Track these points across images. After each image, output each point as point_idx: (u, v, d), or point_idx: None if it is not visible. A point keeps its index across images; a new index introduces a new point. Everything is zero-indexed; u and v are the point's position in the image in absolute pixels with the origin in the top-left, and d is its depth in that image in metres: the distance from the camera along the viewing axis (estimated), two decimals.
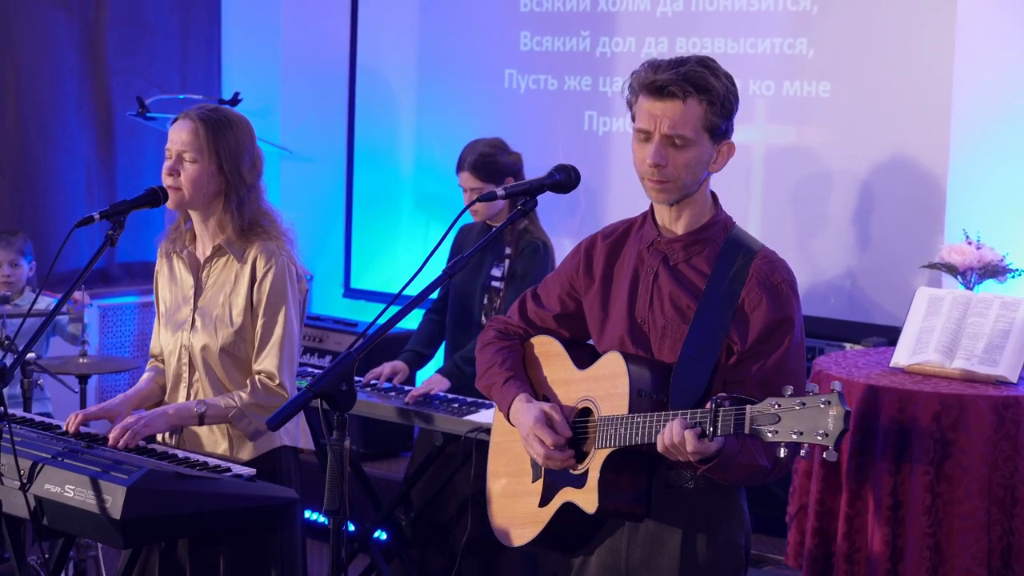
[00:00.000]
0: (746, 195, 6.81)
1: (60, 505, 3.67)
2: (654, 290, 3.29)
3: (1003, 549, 4.73)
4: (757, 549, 5.77)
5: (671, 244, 3.29)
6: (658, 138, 3.19)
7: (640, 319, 3.30)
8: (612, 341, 3.33)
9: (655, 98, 3.19)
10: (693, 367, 3.19)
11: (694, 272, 3.27)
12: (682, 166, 3.20)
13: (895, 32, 6.43)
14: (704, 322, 3.21)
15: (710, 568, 3.28)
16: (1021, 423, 4.71)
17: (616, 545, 3.32)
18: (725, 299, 3.21)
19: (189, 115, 4.00)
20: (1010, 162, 5.81)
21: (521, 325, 3.56)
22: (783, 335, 3.21)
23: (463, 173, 5.52)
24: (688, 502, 3.25)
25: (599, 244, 3.44)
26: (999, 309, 5.03)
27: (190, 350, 4.04)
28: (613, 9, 7.25)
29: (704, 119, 3.19)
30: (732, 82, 3.26)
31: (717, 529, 3.29)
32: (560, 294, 3.49)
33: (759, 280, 3.22)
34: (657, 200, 3.26)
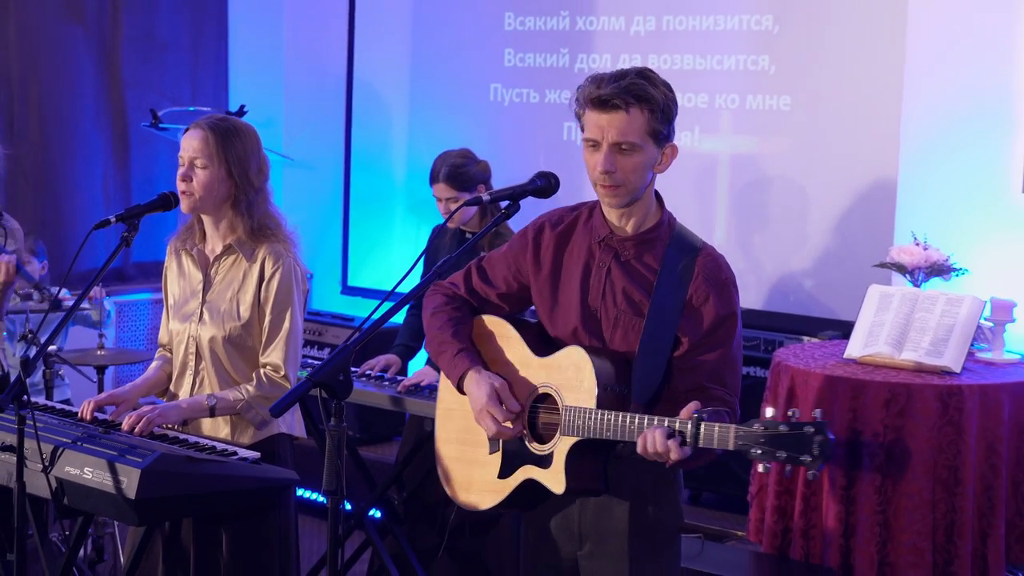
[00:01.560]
0: (713, 200, 6.83)
1: (79, 486, 3.67)
2: (606, 283, 3.29)
3: (947, 525, 4.75)
4: (720, 525, 5.79)
5: (623, 243, 3.30)
6: (606, 147, 3.19)
7: (593, 309, 3.30)
8: (565, 327, 3.34)
9: (600, 111, 3.19)
10: (651, 360, 3.20)
11: (644, 268, 3.27)
12: (630, 171, 3.20)
13: (850, 50, 6.45)
14: (657, 317, 3.22)
15: (654, 528, 3.31)
16: (964, 410, 4.73)
17: (569, 511, 3.34)
18: (675, 294, 3.23)
19: (200, 124, 4.00)
20: (955, 170, 5.83)
21: (465, 296, 3.53)
22: (730, 328, 3.24)
23: (438, 184, 5.51)
24: (634, 472, 3.26)
25: (547, 233, 3.41)
26: (944, 305, 5.05)
27: (198, 340, 4.03)
28: (590, 28, 7.26)
29: (647, 126, 3.19)
30: (670, 89, 3.26)
31: (660, 494, 3.31)
32: (506, 275, 3.47)
33: (706, 277, 3.23)
34: (610, 205, 3.25)
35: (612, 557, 3.29)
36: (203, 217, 4.06)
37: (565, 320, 3.35)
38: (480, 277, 3.52)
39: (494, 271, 3.50)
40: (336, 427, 3.05)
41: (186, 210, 4.01)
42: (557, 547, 3.38)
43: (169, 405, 3.98)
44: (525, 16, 7.51)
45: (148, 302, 7.74)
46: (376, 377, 5.54)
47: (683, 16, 6.93)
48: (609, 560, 3.29)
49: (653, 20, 7.03)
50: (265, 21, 8.46)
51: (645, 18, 7.06)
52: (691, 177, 6.79)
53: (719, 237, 6.67)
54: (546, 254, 3.41)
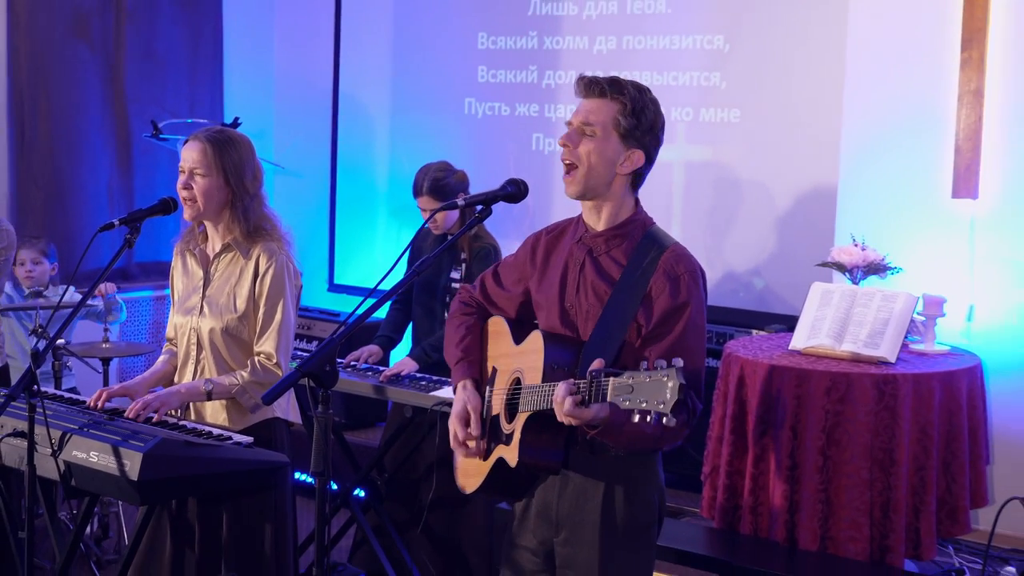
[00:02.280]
0: (668, 205, 6.84)
1: (86, 469, 3.67)
2: (580, 279, 3.28)
3: (883, 503, 4.78)
4: (676, 503, 5.80)
5: (595, 239, 3.29)
6: (574, 125, 3.22)
7: (568, 305, 3.29)
8: (549, 323, 3.33)
9: (583, 96, 3.24)
10: (601, 344, 3.16)
11: (612, 263, 3.26)
12: (584, 153, 3.19)
13: (794, 67, 6.47)
14: (615, 305, 3.20)
15: (627, 522, 3.25)
16: (898, 397, 4.75)
17: (548, 498, 3.31)
18: (636, 287, 3.20)
19: (198, 137, 4.00)
20: (891, 176, 5.85)
21: (480, 299, 3.55)
22: (680, 317, 3.17)
23: (422, 197, 5.51)
24: (610, 465, 3.24)
25: (542, 238, 3.44)
26: (880, 301, 5.08)
27: (198, 332, 4.03)
28: (557, 47, 7.26)
29: (614, 118, 3.20)
30: (653, 103, 3.27)
31: (635, 489, 3.26)
32: (513, 279, 3.49)
33: (664, 271, 3.20)
34: (567, 191, 3.25)
35: (585, 545, 3.26)
36: (205, 222, 4.06)
37: (549, 315, 3.35)
38: (495, 281, 3.55)
39: (506, 276, 3.52)
40: (323, 414, 3.05)
41: (189, 218, 4.02)
42: (536, 533, 3.37)
43: (169, 391, 3.98)
44: (497, 36, 7.51)
45: (150, 299, 7.72)
46: (360, 368, 5.54)
47: (642, 36, 6.94)
48: (582, 548, 3.26)
49: (614, 40, 7.04)
50: (257, 40, 8.44)
51: (607, 38, 7.07)
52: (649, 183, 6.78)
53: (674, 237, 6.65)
54: (539, 257, 3.43)
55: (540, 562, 3.37)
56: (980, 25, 5.56)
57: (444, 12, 7.73)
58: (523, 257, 3.47)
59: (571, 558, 3.29)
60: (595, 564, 3.24)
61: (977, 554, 5.31)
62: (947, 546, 5.31)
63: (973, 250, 5.64)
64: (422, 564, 5.51)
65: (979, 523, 5.23)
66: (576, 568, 3.28)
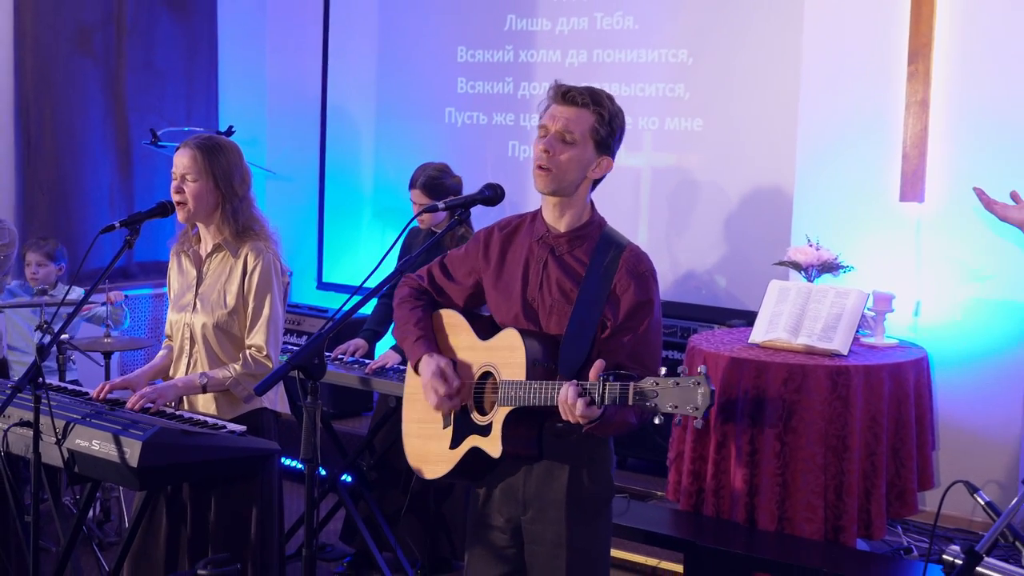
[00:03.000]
0: (636, 208, 6.84)
1: (88, 456, 3.65)
2: (543, 276, 3.29)
3: (836, 486, 4.78)
4: (643, 486, 5.81)
5: (557, 239, 3.30)
6: (553, 131, 3.22)
7: (531, 298, 3.30)
8: (508, 315, 3.33)
9: (560, 103, 3.23)
10: (576, 341, 3.19)
11: (576, 262, 3.27)
12: (564, 160, 3.20)
13: (753, 79, 6.48)
14: (584, 303, 3.22)
15: (591, 497, 3.30)
16: (851, 387, 4.76)
17: (515, 481, 3.32)
18: (601, 284, 3.22)
19: (188, 144, 3.99)
20: (843, 181, 5.86)
21: (429, 288, 3.52)
22: (646, 314, 3.22)
23: (415, 190, 5.49)
24: (572, 448, 3.26)
25: (495, 234, 3.42)
26: (833, 297, 5.08)
27: (191, 327, 4.02)
28: (531, 60, 7.26)
29: (592, 128, 3.21)
30: (621, 112, 3.30)
31: (596, 467, 3.30)
32: (463, 272, 3.47)
33: (628, 269, 3.23)
34: (537, 185, 3.25)
35: (552, 521, 3.28)
36: (198, 223, 4.04)
37: (508, 308, 3.35)
38: (442, 272, 3.51)
39: (455, 268, 3.49)
40: (312, 404, 3.05)
41: (182, 220, 4.01)
42: (502, 512, 3.37)
43: (167, 384, 3.97)
44: (475, 50, 7.50)
45: (149, 296, 7.69)
46: (347, 361, 5.53)
47: (611, 50, 6.94)
48: (549, 524, 3.28)
49: (585, 53, 7.04)
50: (250, 53, 8.42)
51: (578, 52, 7.07)
52: (618, 188, 6.80)
53: (642, 238, 6.68)
54: (493, 252, 3.41)
55: (508, 539, 3.38)
56: (926, 40, 5.57)
57: (425, 27, 7.72)
58: (474, 252, 3.45)
59: (539, 534, 3.31)
60: (562, 538, 3.27)
61: (924, 533, 5.33)
62: (896, 526, 5.32)
63: (920, 250, 5.66)
64: (406, 545, 5.50)
65: (926, 505, 5.25)
66: (544, 543, 3.30)
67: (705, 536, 4.79)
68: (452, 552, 5.55)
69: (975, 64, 5.53)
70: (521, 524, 3.35)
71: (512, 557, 3.38)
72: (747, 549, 4.68)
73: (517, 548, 3.37)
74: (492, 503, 3.39)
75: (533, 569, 3.34)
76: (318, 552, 5.55)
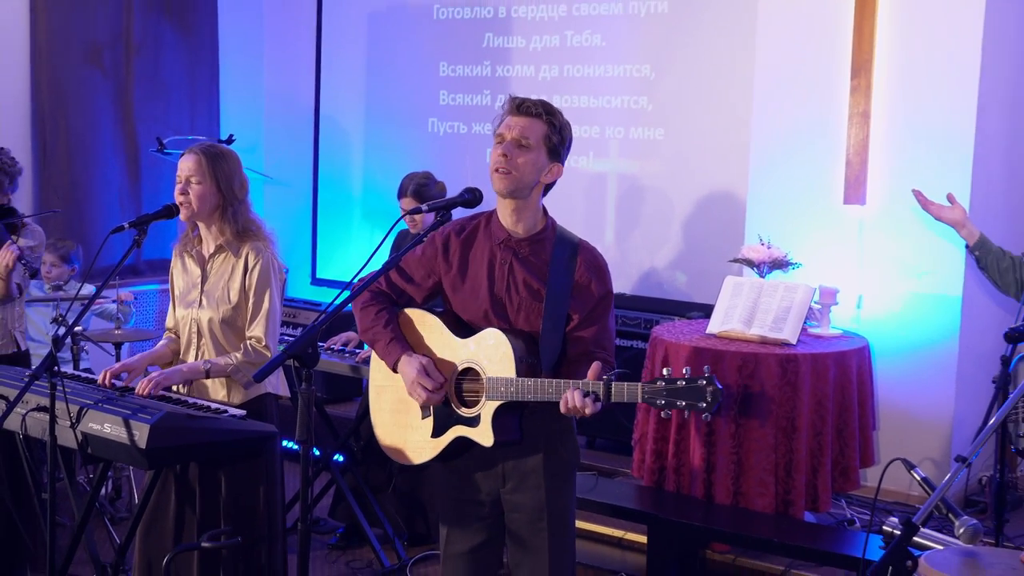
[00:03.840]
0: (604, 211, 6.84)
1: (100, 438, 3.64)
2: (510, 277, 3.30)
3: (786, 463, 4.81)
4: (610, 464, 5.82)
5: (519, 243, 3.31)
6: (510, 139, 3.26)
7: (499, 297, 3.30)
8: (476, 312, 3.33)
9: (516, 114, 3.28)
10: (551, 336, 3.23)
11: (538, 261, 3.29)
12: (521, 163, 3.23)
13: (709, 92, 6.49)
14: (553, 300, 3.24)
15: (563, 464, 3.36)
16: (799, 373, 4.78)
17: (493, 458, 3.34)
18: (565, 280, 3.25)
19: (193, 150, 3.98)
20: (792, 186, 5.88)
21: (387, 291, 3.46)
22: (607, 304, 3.30)
23: (405, 198, 5.49)
24: (542, 425, 3.30)
25: (453, 239, 3.39)
26: (783, 291, 5.11)
27: (198, 322, 4.00)
28: (507, 75, 7.26)
29: (545, 136, 3.25)
30: (569, 124, 3.34)
31: (564, 437, 3.36)
32: (422, 273, 3.43)
33: (587, 265, 3.27)
34: (496, 187, 3.27)
35: (531, 489, 3.32)
36: (199, 224, 4.03)
37: (475, 307, 3.34)
38: (399, 275, 3.46)
39: (411, 270, 3.45)
40: (306, 389, 3.04)
41: (184, 218, 3.98)
42: (482, 487, 3.38)
43: (173, 369, 3.96)
44: (456, 65, 7.50)
45: (156, 291, 7.66)
46: (338, 350, 5.52)
47: (580, 65, 6.95)
48: (529, 492, 3.32)
49: (557, 68, 7.04)
50: (248, 67, 8.38)
51: (550, 67, 7.07)
52: (587, 191, 6.81)
53: (609, 238, 6.71)
54: (454, 256, 3.39)
55: (487, 511, 3.39)
56: (867, 57, 5.60)
57: (410, 44, 7.71)
58: (432, 255, 3.41)
59: (520, 503, 3.34)
60: (542, 503, 3.32)
61: (866, 506, 5.35)
62: (840, 500, 5.35)
63: (862, 248, 5.68)
64: (392, 517, 5.51)
65: (867, 480, 5.27)
66: (525, 510, 3.33)
67: (666, 510, 4.81)
68: (426, 528, 5.56)
69: (912, 79, 5.56)
70: (500, 496, 3.37)
71: (490, 527, 3.40)
72: (705, 521, 4.70)
73: (495, 518, 3.39)
74: (470, 480, 3.40)
75: (515, 535, 3.37)
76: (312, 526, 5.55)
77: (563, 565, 3.36)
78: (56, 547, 3.85)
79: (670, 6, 6.64)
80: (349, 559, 5.46)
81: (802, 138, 5.83)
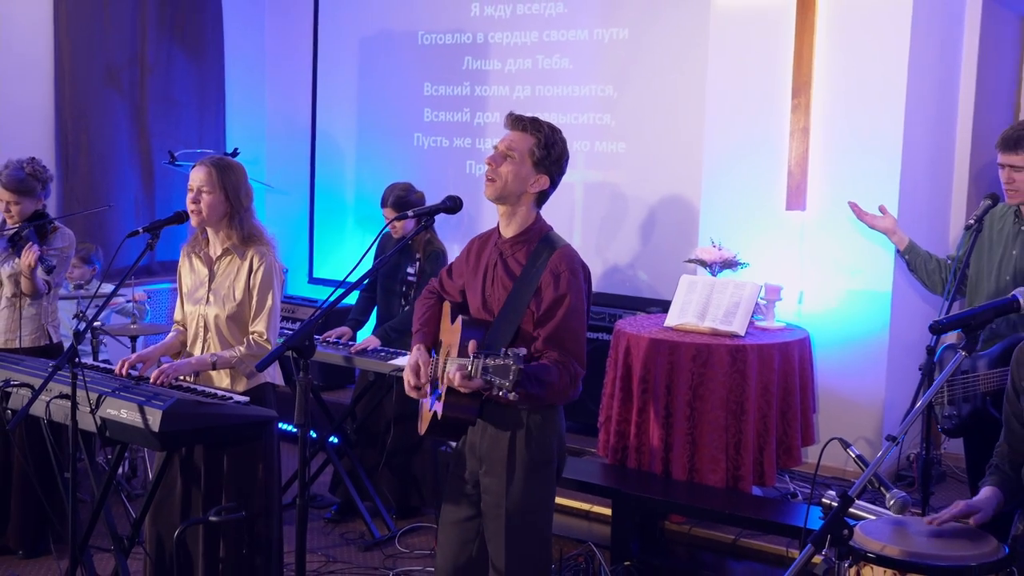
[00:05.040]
0: (571, 216, 6.85)
1: (117, 423, 3.62)
2: (494, 276, 3.30)
3: (736, 443, 4.82)
4: (578, 444, 5.81)
5: (504, 244, 3.32)
6: (499, 150, 3.26)
7: (487, 294, 3.31)
8: (475, 306, 3.36)
9: (510, 128, 3.28)
10: (501, 327, 3.20)
11: (516, 263, 3.28)
12: (503, 172, 3.23)
13: (666, 110, 6.50)
14: (514, 297, 3.23)
15: (527, 459, 3.26)
16: (747, 362, 4.79)
17: (473, 440, 3.34)
18: (530, 282, 3.22)
19: (204, 162, 3.96)
20: (740, 194, 5.89)
21: (438, 288, 3.55)
22: (561, 306, 3.18)
23: (387, 208, 5.48)
24: (515, 417, 3.26)
25: (475, 243, 3.46)
26: (733, 288, 5.12)
27: (205, 317, 3.98)
28: (485, 94, 7.25)
29: (531, 149, 3.24)
30: (562, 141, 3.30)
31: (533, 435, 3.26)
32: (457, 273, 3.49)
33: (550, 269, 3.22)
34: (485, 192, 3.27)
35: (496, 476, 3.28)
36: (208, 228, 4.01)
37: (474, 302, 3.38)
38: (448, 275, 3.55)
39: (455, 271, 3.52)
40: (303, 378, 3.03)
41: (195, 224, 3.98)
42: (468, 466, 3.38)
43: (182, 361, 3.95)
44: (438, 85, 7.48)
45: (168, 289, 7.63)
46: (333, 343, 5.50)
47: (550, 86, 6.94)
48: (495, 477, 3.29)
49: (529, 88, 7.04)
50: (252, 87, 8.35)
51: (523, 87, 7.06)
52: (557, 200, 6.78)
53: (577, 241, 6.68)
54: (471, 257, 3.44)
55: (471, 488, 3.38)
56: (806, 79, 5.61)
57: (397, 66, 7.69)
58: (463, 257, 3.48)
59: (488, 486, 3.32)
60: (503, 489, 3.26)
61: (807, 481, 5.37)
62: (784, 475, 5.36)
63: (802, 250, 5.70)
64: (383, 495, 5.50)
65: (808, 457, 5.29)
66: (491, 494, 3.31)
67: (629, 485, 4.81)
68: (421, 501, 5.55)
69: (846, 98, 5.57)
70: (479, 476, 3.35)
71: (475, 503, 3.38)
72: (663, 495, 4.71)
73: (478, 495, 3.38)
74: (461, 459, 3.40)
75: (485, 514, 3.35)
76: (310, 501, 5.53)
77: (523, 549, 3.27)
78: (78, 521, 3.83)
79: (630, 33, 6.65)
80: (343, 531, 5.44)
81: (749, 151, 5.84)
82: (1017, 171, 4.02)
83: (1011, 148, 4.02)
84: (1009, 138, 4.03)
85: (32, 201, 4.86)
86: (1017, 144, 4.00)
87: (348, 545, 5.27)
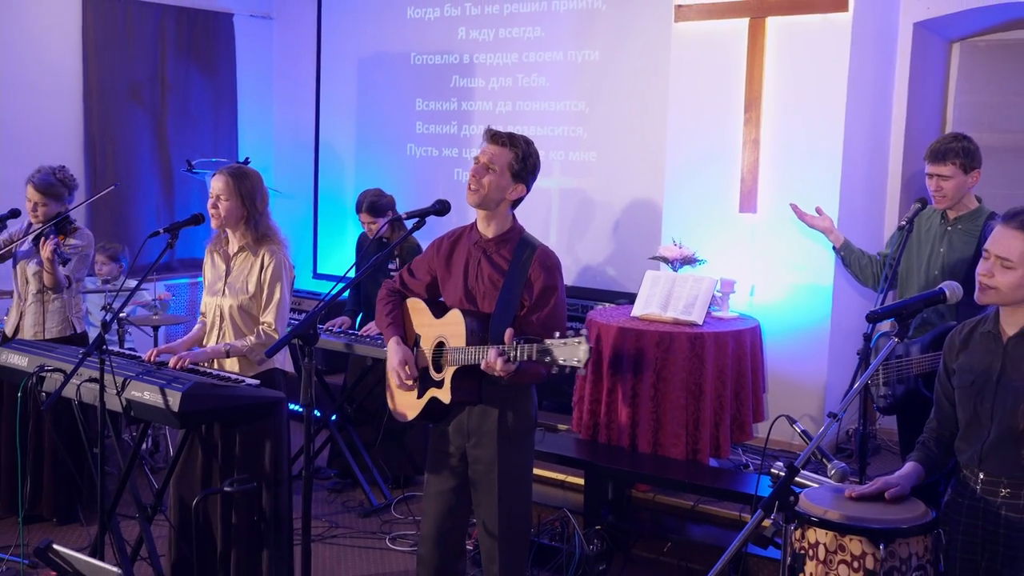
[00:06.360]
0: (548, 219, 6.85)
1: (141, 403, 3.60)
2: (479, 271, 3.31)
3: (694, 420, 4.82)
4: (554, 421, 5.82)
5: (487, 243, 3.33)
6: (481, 162, 3.27)
7: (471, 287, 3.32)
8: (455, 298, 3.36)
9: (490, 142, 3.29)
10: (502, 317, 3.21)
11: (501, 259, 3.30)
12: (485, 183, 3.25)
13: (632, 122, 6.50)
14: (508, 289, 3.24)
15: (514, 428, 3.32)
16: (704, 347, 4.80)
17: (462, 418, 3.34)
18: (520, 275, 3.25)
19: (223, 171, 3.96)
20: (699, 197, 5.89)
21: (401, 287, 3.54)
22: (551, 295, 3.26)
23: (362, 213, 5.51)
24: (501, 392, 3.28)
25: (444, 242, 3.46)
26: (692, 282, 5.12)
27: (221, 308, 3.97)
28: (470, 109, 7.24)
29: (508, 161, 3.26)
30: (536, 154, 3.33)
31: (518, 406, 3.32)
32: (424, 270, 3.49)
33: (540, 263, 3.26)
34: (467, 199, 3.29)
35: (488, 446, 3.30)
36: (227, 229, 4.00)
37: (454, 294, 3.36)
38: (409, 274, 3.53)
39: (418, 269, 3.51)
40: (308, 363, 3.03)
41: (215, 227, 4.00)
42: (453, 442, 3.38)
43: (199, 350, 3.94)
44: (429, 101, 7.47)
45: (187, 284, 7.60)
46: (336, 332, 5.49)
47: (529, 101, 6.94)
48: (486, 448, 3.30)
49: (510, 104, 7.03)
50: (261, 102, 8.32)
51: (505, 103, 7.06)
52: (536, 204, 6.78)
53: (553, 240, 6.69)
54: (444, 253, 3.43)
55: (457, 461, 3.38)
56: (757, 95, 5.63)
57: (392, 84, 7.67)
58: (430, 255, 3.48)
59: (478, 456, 3.32)
60: (495, 458, 3.29)
61: (757, 454, 5.39)
62: (737, 449, 5.38)
63: (754, 248, 5.71)
64: (380, 467, 5.49)
65: (759, 433, 5.30)
66: (482, 463, 3.32)
67: (600, 457, 4.82)
68: (413, 469, 5.55)
69: (793, 112, 5.59)
70: (466, 449, 3.35)
71: (459, 474, 3.39)
72: (630, 467, 4.71)
73: (463, 467, 3.38)
74: (447, 436, 3.40)
75: (475, 482, 3.36)
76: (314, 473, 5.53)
77: (512, 507, 3.33)
78: (105, 492, 3.82)
79: (601, 55, 6.65)
80: (344, 500, 5.44)
81: (706, 160, 5.85)
82: (944, 180, 4.06)
83: (938, 160, 4.05)
84: (937, 151, 4.06)
85: (57, 204, 4.86)
86: (944, 156, 4.04)
87: (349, 512, 5.27)
